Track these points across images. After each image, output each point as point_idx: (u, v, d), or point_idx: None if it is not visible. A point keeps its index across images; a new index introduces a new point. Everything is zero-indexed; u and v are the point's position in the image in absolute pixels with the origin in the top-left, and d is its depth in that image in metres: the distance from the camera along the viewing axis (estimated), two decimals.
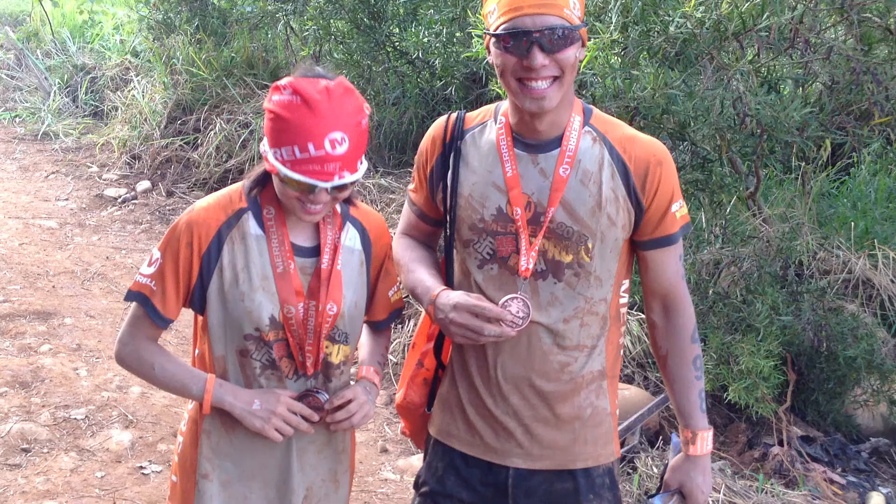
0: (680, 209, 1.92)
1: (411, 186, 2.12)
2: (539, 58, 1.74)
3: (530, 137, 1.89)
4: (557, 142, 1.88)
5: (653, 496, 2.04)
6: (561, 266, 1.86)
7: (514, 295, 1.85)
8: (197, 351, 2.01)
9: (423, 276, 1.98)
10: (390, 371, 4.66)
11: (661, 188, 1.87)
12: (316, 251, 1.92)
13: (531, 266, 1.86)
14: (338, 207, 1.97)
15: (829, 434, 4.32)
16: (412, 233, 2.13)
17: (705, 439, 1.99)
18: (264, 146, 1.82)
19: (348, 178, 1.76)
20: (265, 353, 1.89)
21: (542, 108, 1.80)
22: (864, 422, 4.42)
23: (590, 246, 1.85)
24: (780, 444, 3.99)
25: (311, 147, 1.71)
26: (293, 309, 1.87)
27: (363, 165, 1.82)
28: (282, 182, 1.79)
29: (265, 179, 1.91)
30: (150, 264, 1.90)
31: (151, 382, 1.97)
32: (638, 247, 1.95)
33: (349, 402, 1.92)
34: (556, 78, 1.78)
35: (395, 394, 2.26)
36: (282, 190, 1.81)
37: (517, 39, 1.75)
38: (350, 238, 1.97)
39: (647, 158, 1.87)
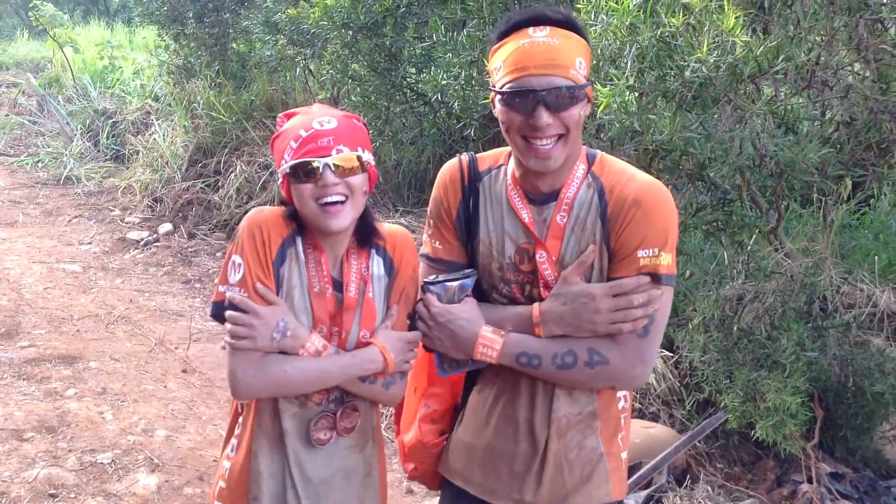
0: (651, 258, 1.80)
1: (436, 245, 2.02)
2: (544, 117, 1.74)
3: (532, 191, 1.90)
4: (559, 193, 1.89)
5: None
6: None
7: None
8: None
9: None
10: None
11: (630, 229, 1.80)
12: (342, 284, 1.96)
13: None
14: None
15: (858, 470, 4.25)
16: None
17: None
18: (278, 178, 1.91)
19: (346, 152, 1.82)
20: None
21: (548, 168, 1.80)
22: (893, 457, 4.35)
23: None
24: (810, 481, 3.93)
25: (302, 132, 1.83)
26: (324, 328, 1.90)
27: (367, 155, 1.88)
28: (299, 194, 1.83)
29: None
30: (234, 270, 1.86)
31: (287, 389, 1.89)
32: None
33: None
34: (560, 136, 1.78)
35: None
36: (301, 204, 1.85)
37: (523, 98, 1.75)
38: (376, 264, 1.99)
39: (626, 197, 1.81)
